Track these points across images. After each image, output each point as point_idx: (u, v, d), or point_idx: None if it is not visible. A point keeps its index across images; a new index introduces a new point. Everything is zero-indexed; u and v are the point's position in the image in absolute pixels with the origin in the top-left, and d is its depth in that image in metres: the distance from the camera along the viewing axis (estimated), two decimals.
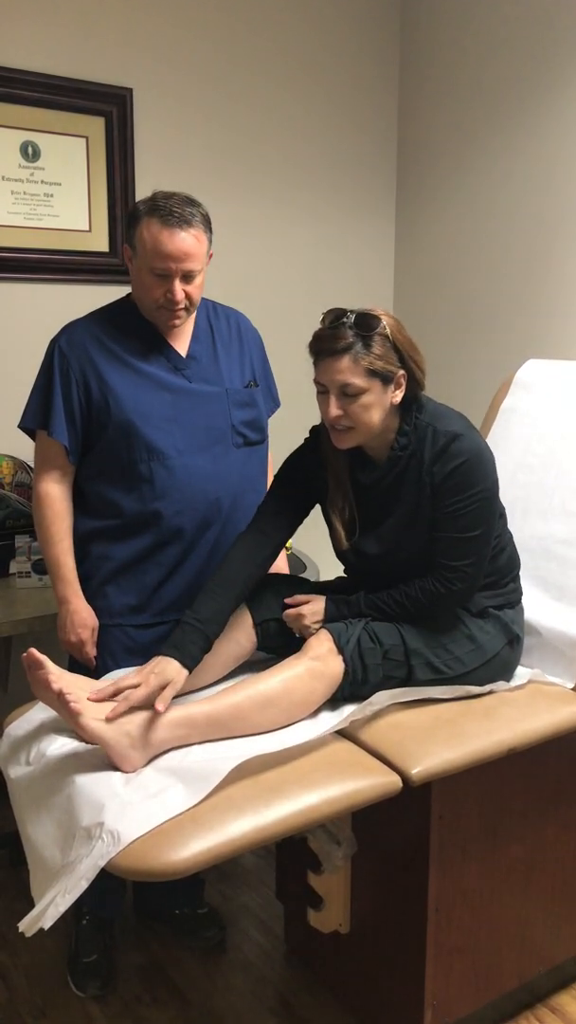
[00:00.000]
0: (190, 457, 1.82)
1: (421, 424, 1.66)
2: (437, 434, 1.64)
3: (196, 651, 1.56)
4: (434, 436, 1.64)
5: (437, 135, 3.15)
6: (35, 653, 1.46)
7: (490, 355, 3.01)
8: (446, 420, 1.66)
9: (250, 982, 1.98)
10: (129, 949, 2.08)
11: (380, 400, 1.60)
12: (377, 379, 1.58)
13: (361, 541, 1.73)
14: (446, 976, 1.66)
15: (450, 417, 1.68)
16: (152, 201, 1.71)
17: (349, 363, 1.56)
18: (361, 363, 1.56)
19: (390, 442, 1.67)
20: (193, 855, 1.27)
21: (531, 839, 1.75)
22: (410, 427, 1.66)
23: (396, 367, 1.59)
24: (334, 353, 1.56)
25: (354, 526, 1.73)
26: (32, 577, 2.33)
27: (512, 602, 1.80)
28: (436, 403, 1.71)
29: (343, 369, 1.56)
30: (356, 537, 1.73)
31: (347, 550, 1.75)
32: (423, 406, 1.68)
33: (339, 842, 1.66)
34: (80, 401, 1.79)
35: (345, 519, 1.73)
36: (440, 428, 1.64)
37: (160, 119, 2.77)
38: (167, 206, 1.69)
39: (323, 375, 1.60)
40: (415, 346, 1.64)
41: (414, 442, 1.65)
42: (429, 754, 1.51)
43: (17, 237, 2.56)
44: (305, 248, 3.17)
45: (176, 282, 1.72)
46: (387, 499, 1.70)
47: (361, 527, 1.73)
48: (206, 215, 1.74)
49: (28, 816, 1.44)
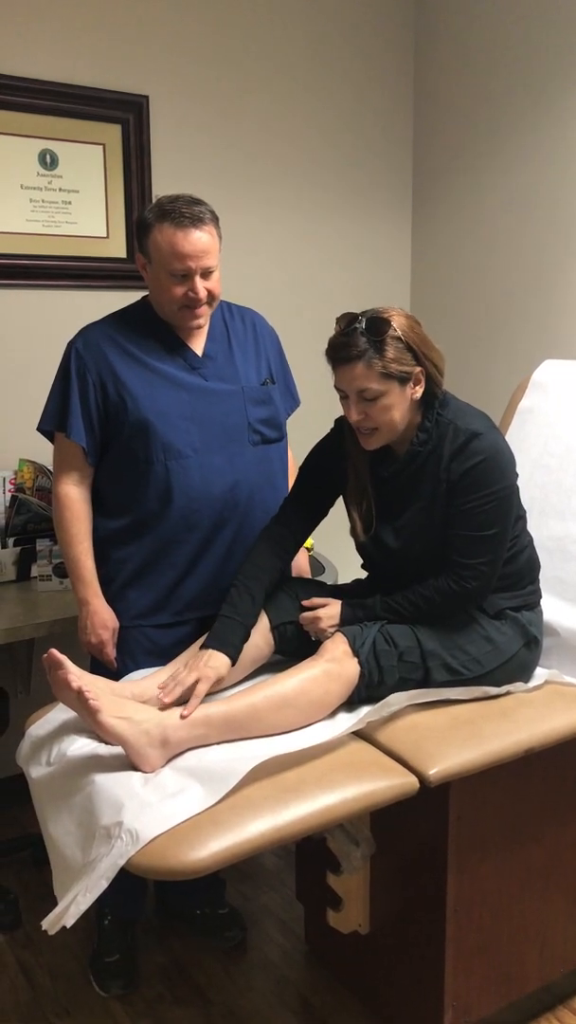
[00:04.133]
0: (207, 455, 1.84)
1: (443, 421, 1.67)
2: (458, 431, 1.64)
3: (239, 643, 1.66)
4: (455, 433, 1.65)
5: (453, 135, 3.15)
6: (55, 653, 1.48)
7: (507, 356, 3.00)
8: (468, 418, 1.67)
9: (271, 982, 1.99)
10: (151, 949, 2.09)
11: (400, 400, 1.61)
12: (394, 381, 1.59)
13: (379, 533, 1.74)
14: (466, 977, 1.66)
15: (473, 415, 1.69)
16: (159, 207, 1.73)
17: (363, 369, 1.57)
18: (375, 368, 1.57)
19: (411, 437, 1.68)
20: (211, 854, 1.28)
21: (550, 840, 1.74)
22: (431, 423, 1.67)
23: (412, 366, 1.60)
24: (348, 360, 1.58)
25: (372, 518, 1.74)
26: (53, 580, 2.36)
27: (531, 604, 1.79)
28: (461, 401, 1.72)
29: (358, 375, 1.58)
30: (373, 529, 1.74)
31: (366, 541, 1.76)
32: (447, 403, 1.69)
33: (358, 843, 1.67)
34: (97, 402, 1.81)
35: (363, 511, 1.75)
36: (461, 426, 1.65)
37: (176, 125, 2.79)
38: (176, 208, 1.71)
39: (341, 381, 1.62)
40: (429, 342, 1.65)
41: (435, 438, 1.66)
42: (446, 755, 1.51)
43: (36, 244, 2.59)
44: (323, 249, 3.18)
45: (197, 280, 1.75)
46: (405, 493, 1.71)
47: (379, 519, 1.74)
48: (213, 211, 1.77)
49: (49, 816, 1.46)
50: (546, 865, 1.75)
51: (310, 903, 2.02)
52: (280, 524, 1.81)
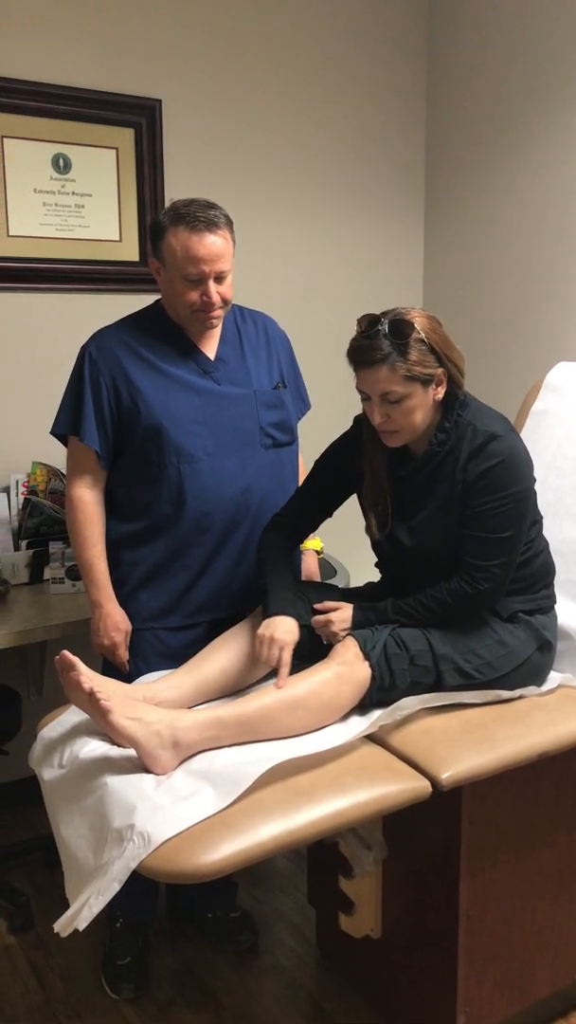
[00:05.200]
0: (219, 459, 1.84)
1: (463, 422, 1.67)
2: (476, 433, 1.64)
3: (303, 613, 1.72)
4: (473, 434, 1.64)
5: (465, 136, 3.14)
6: (68, 655, 1.48)
7: (520, 358, 2.99)
8: (487, 420, 1.67)
9: (283, 986, 1.99)
10: (163, 952, 2.09)
11: (423, 401, 1.62)
12: (417, 383, 1.59)
13: (394, 531, 1.74)
14: (479, 982, 1.65)
15: (492, 417, 1.68)
16: (174, 211, 1.74)
17: (388, 372, 1.57)
18: (399, 371, 1.57)
19: (429, 436, 1.68)
20: (223, 858, 1.28)
21: (564, 845, 1.73)
22: (450, 424, 1.67)
23: (435, 368, 1.60)
24: (372, 363, 1.58)
25: (388, 516, 1.74)
26: (66, 583, 2.36)
27: (544, 608, 1.79)
28: (480, 403, 1.72)
29: (382, 379, 1.58)
30: (388, 528, 1.74)
31: (381, 539, 1.76)
32: (467, 404, 1.69)
33: (370, 847, 1.66)
34: (110, 406, 1.81)
35: (380, 509, 1.75)
36: (480, 427, 1.65)
37: (189, 129, 2.79)
38: (191, 212, 1.71)
39: (363, 384, 1.62)
40: (451, 343, 1.65)
41: (453, 438, 1.66)
42: (459, 759, 1.51)
43: (49, 248, 2.60)
44: (335, 252, 3.18)
45: (211, 284, 1.75)
46: (421, 492, 1.71)
47: (395, 517, 1.74)
48: (227, 215, 1.77)
49: (61, 818, 1.46)
50: (559, 870, 1.74)
51: (322, 907, 2.01)
52: (291, 514, 1.85)
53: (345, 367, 1.65)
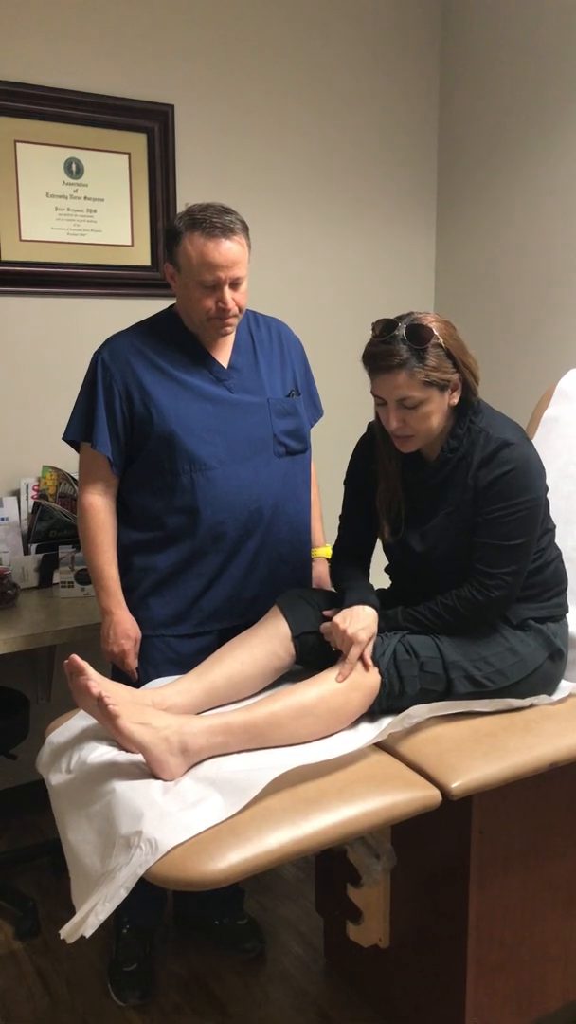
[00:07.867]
0: (232, 467, 1.83)
1: (476, 428, 1.66)
2: (489, 439, 1.64)
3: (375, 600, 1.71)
4: (485, 441, 1.64)
5: (478, 140, 3.14)
6: (77, 660, 1.48)
7: (531, 365, 2.98)
8: (500, 427, 1.66)
9: (289, 995, 1.98)
10: (169, 959, 2.08)
11: (439, 407, 1.61)
12: (434, 388, 1.59)
13: (406, 536, 1.74)
14: (488, 994, 1.64)
15: (505, 424, 1.68)
16: (190, 216, 1.73)
17: (406, 378, 1.57)
18: (417, 376, 1.56)
19: (442, 442, 1.68)
20: (231, 865, 1.27)
21: (574, 856, 1.71)
22: (463, 430, 1.66)
23: (452, 373, 1.60)
24: (389, 369, 1.57)
25: (400, 521, 1.74)
26: (75, 587, 2.36)
27: (556, 616, 1.77)
28: (494, 410, 1.71)
29: (400, 384, 1.57)
30: (400, 533, 1.73)
31: (393, 544, 1.76)
32: (480, 411, 1.68)
33: (378, 855, 1.65)
34: (123, 413, 1.81)
35: (392, 514, 1.74)
36: (493, 434, 1.64)
37: (201, 134, 2.80)
38: (207, 218, 1.70)
39: (380, 389, 1.61)
40: (466, 348, 1.64)
41: (465, 444, 1.66)
42: (469, 768, 1.49)
43: (61, 252, 2.61)
44: (346, 257, 3.18)
45: (226, 290, 1.74)
46: (433, 497, 1.70)
47: (406, 522, 1.74)
48: (243, 221, 1.76)
49: (69, 823, 1.45)
50: (569, 881, 1.72)
51: (330, 915, 2.00)
52: (344, 546, 1.86)
53: (357, 372, 1.64)
